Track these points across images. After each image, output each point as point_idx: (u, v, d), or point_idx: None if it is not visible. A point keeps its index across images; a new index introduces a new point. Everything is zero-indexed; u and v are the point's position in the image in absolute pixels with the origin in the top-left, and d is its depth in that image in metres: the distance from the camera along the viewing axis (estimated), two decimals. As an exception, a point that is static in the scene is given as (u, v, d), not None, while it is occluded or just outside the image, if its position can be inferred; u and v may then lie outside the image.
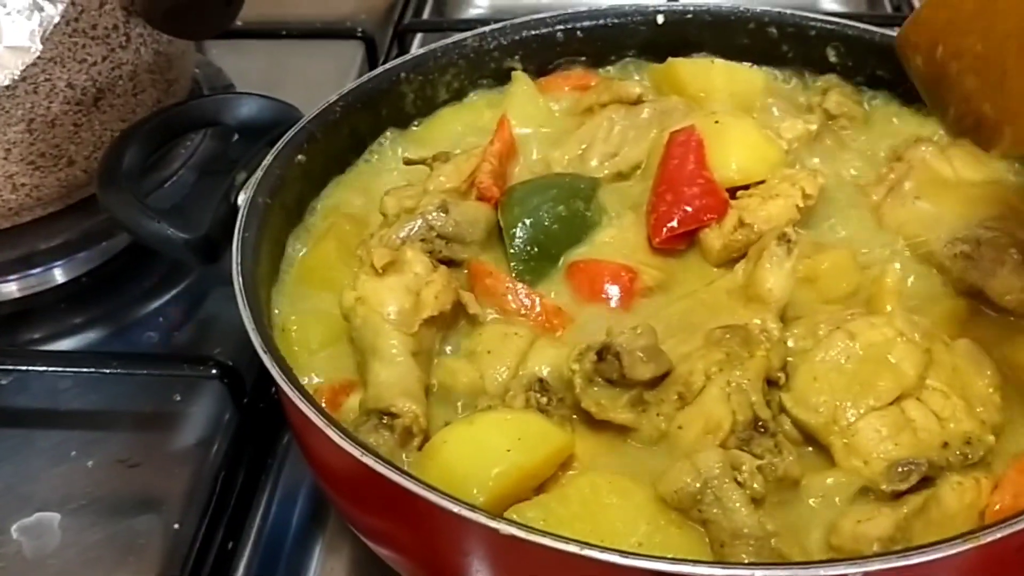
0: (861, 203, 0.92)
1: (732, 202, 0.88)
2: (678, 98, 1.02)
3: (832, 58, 1.05)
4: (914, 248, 0.87)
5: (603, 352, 0.73)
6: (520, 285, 0.84)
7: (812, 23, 1.04)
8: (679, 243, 0.89)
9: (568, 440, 0.72)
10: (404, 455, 0.71)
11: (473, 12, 1.67)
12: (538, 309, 0.82)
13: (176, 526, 0.93)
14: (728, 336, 0.74)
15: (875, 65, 1.03)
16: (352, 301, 0.80)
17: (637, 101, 1.01)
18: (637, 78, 1.09)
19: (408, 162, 0.99)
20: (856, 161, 0.98)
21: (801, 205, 0.88)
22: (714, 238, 0.87)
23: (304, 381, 0.74)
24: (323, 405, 0.74)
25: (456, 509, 0.60)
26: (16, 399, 1.07)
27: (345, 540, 0.92)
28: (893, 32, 1.04)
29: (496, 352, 0.78)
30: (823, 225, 0.90)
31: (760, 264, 0.80)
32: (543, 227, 0.89)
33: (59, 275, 1.14)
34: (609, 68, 1.11)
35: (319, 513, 0.94)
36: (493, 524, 0.59)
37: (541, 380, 0.76)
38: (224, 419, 1.01)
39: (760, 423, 0.70)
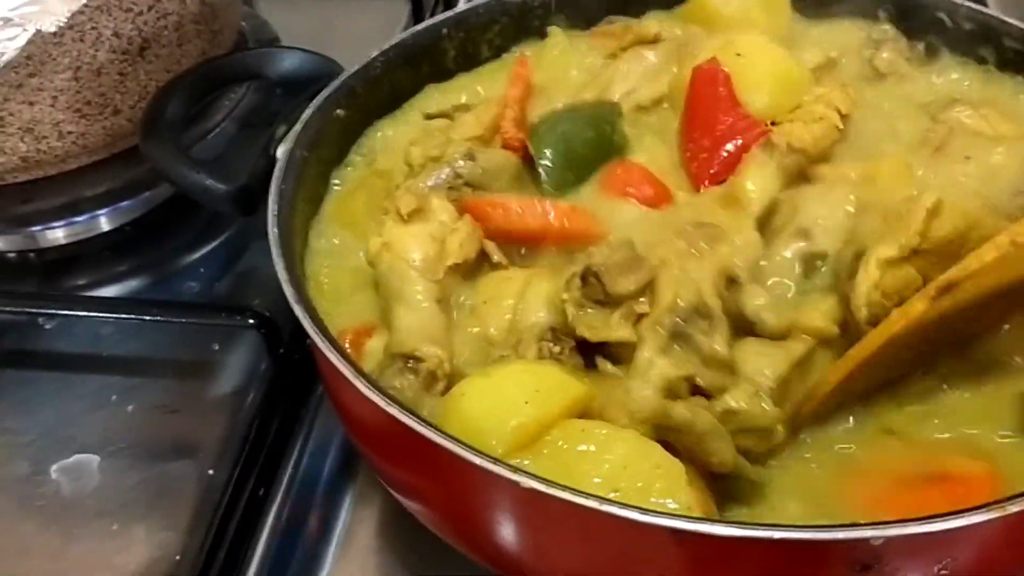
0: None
1: (775, 129, 0.87)
2: (696, 27, 1.00)
3: (883, 17, 1.02)
4: None
5: (585, 275, 0.73)
6: (531, 201, 0.84)
7: (865, -18, 1.02)
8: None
9: (585, 391, 0.72)
10: (428, 400, 0.72)
11: (522, -30, 1.64)
12: (552, 214, 0.82)
13: (210, 472, 0.95)
14: (694, 230, 0.77)
15: (929, 28, 1.01)
16: (378, 247, 0.81)
17: (655, 40, 1.00)
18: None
19: (429, 116, 0.99)
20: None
21: (840, 126, 0.87)
22: None
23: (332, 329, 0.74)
24: (347, 347, 0.75)
25: (477, 460, 0.60)
26: (59, 343, 1.09)
27: (375, 491, 0.93)
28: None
29: (493, 299, 0.78)
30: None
31: (743, 167, 0.82)
32: (573, 150, 0.89)
33: (104, 223, 1.16)
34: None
35: (350, 464, 0.96)
36: (514, 477, 0.59)
37: (553, 329, 0.75)
38: (260, 369, 1.02)
39: (704, 311, 0.72)
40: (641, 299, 0.73)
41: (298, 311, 0.71)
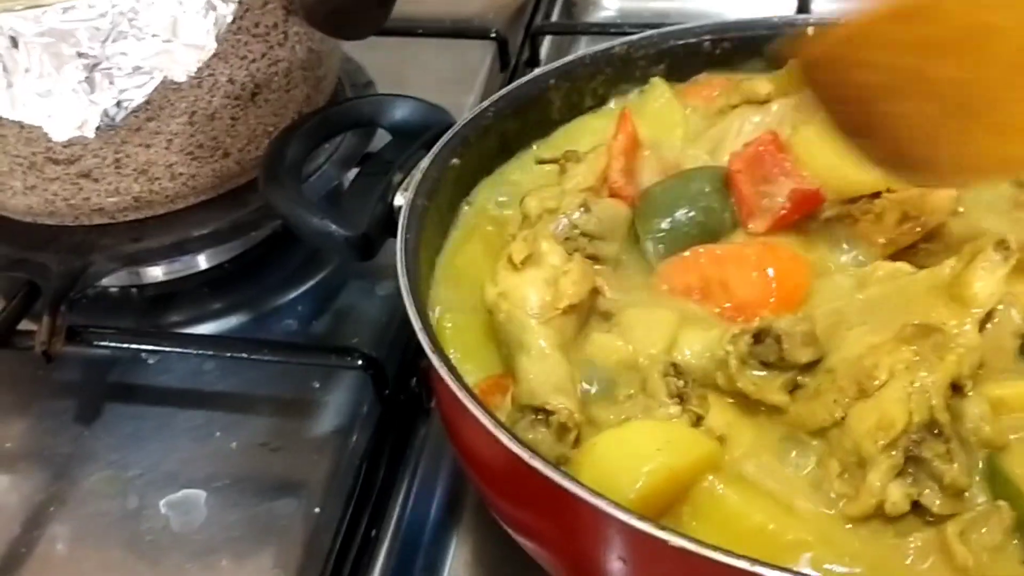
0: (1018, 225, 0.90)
1: (891, 196, 0.87)
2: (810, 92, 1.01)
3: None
4: None
5: (760, 335, 0.75)
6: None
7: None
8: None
9: (716, 449, 0.73)
10: (560, 449, 0.73)
11: (602, 15, 1.67)
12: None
13: (316, 511, 0.96)
14: (921, 335, 0.73)
15: None
16: (495, 296, 0.83)
17: (766, 100, 1.01)
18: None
19: (540, 161, 1.01)
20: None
21: (956, 195, 0.87)
22: (877, 233, 0.86)
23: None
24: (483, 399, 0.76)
25: (623, 517, 0.61)
26: (161, 378, 1.12)
27: (481, 532, 0.94)
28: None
29: (647, 324, 0.80)
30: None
31: (972, 266, 0.77)
32: (684, 236, 0.89)
33: (203, 261, 1.20)
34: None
35: (456, 504, 0.97)
36: (662, 535, 0.60)
37: (675, 364, 0.77)
38: (362, 408, 1.04)
39: (936, 428, 0.69)
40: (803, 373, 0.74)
41: (436, 362, 0.72)
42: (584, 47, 1.47)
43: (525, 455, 0.65)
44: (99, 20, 0.91)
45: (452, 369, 0.72)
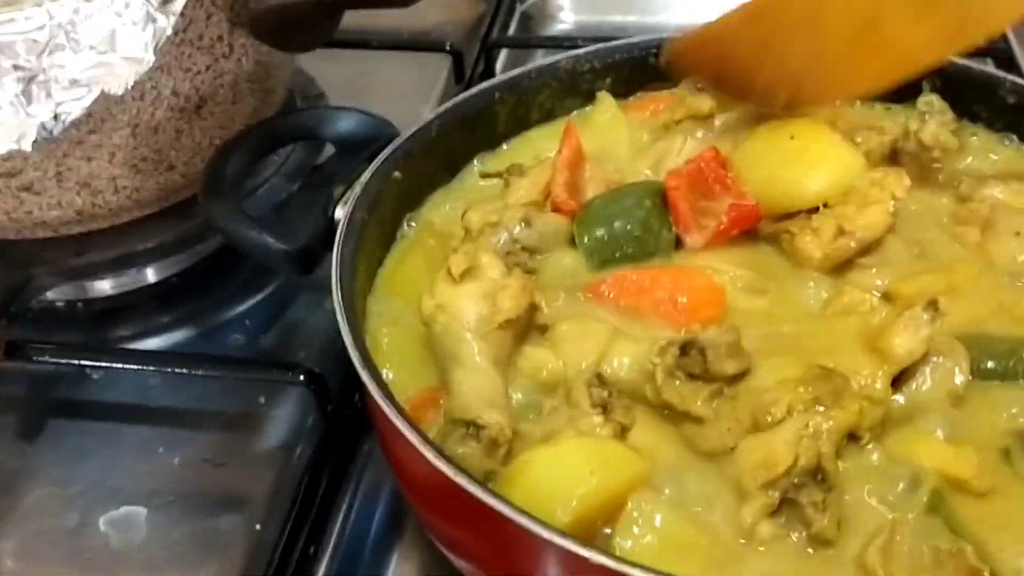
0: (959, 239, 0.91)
1: (827, 211, 0.87)
2: (750, 106, 1.00)
3: (927, 90, 1.04)
4: None
5: (687, 347, 0.75)
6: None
7: (910, 57, 1.03)
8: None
9: (647, 468, 0.73)
10: (490, 464, 0.73)
11: (559, 28, 1.68)
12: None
13: (258, 527, 0.95)
14: (822, 379, 0.73)
15: (972, 100, 1.02)
16: (432, 308, 0.82)
17: (709, 115, 1.01)
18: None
19: (485, 175, 1.02)
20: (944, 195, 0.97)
21: (892, 210, 0.88)
22: (813, 248, 0.86)
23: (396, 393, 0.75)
24: (413, 414, 0.76)
25: (546, 535, 0.61)
26: (105, 393, 1.10)
27: (421, 551, 0.93)
28: (988, 66, 1.05)
29: (579, 338, 0.81)
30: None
31: (898, 320, 0.76)
32: (620, 249, 0.90)
33: (151, 274, 1.19)
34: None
35: (397, 521, 0.96)
36: (585, 553, 0.60)
37: (599, 375, 0.77)
38: (307, 424, 1.03)
39: (820, 475, 0.69)
40: (729, 385, 0.74)
41: (365, 377, 0.72)
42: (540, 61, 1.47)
43: (450, 472, 0.65)
44: (36, 32, 0.90)
45: (380, 383, 0.71)
